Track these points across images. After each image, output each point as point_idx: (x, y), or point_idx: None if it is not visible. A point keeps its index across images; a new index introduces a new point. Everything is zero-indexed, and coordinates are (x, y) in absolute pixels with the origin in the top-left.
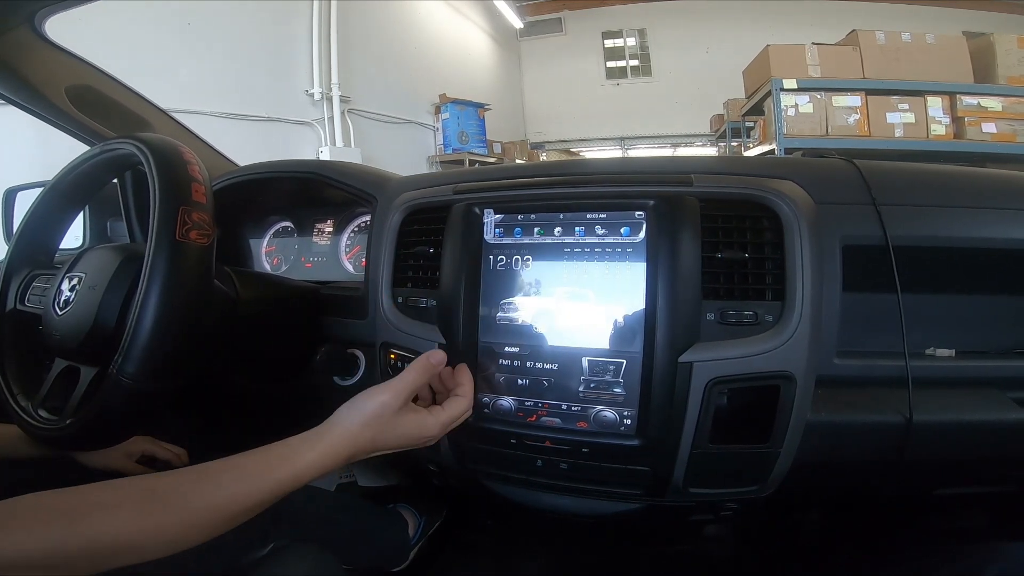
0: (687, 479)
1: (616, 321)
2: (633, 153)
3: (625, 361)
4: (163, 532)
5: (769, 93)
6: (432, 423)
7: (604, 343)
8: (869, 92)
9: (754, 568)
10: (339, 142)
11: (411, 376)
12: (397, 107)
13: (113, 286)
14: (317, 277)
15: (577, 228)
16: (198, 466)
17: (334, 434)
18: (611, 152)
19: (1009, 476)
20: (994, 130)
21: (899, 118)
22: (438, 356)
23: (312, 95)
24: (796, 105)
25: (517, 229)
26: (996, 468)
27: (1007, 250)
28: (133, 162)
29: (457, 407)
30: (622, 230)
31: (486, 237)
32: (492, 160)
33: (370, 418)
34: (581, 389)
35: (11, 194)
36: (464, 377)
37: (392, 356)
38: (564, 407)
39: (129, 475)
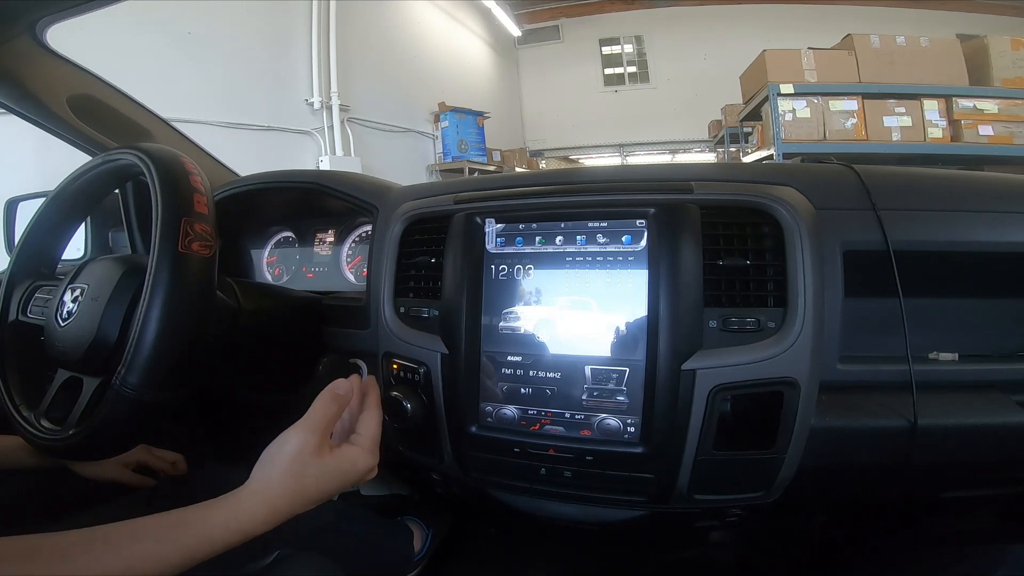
0: (692, 486)
1: (618, 329)
2: (632, 159)
3: (628, 369)
4: None
5: (766, 98)
6: (358, 453)
7: (606, 351)
8: (865, 96)
9: (760, 573)
10: (339, 151)
11: (319, 407)
12: (396, 116)
13: (116, 297)
14: (318, 287)
15: (578, 237)
16: (93, 529)
17: (250, 491)
18: (610, 159)
19: (1015, 478)
20: (991, 132)
21: (896, 121)
22: (344, 385)
23: (312, 104)
24: (793, 110)
25: (518, 238)
26: (1001, 471)
27: (1009, 253)
28: (135, 172)
29: (371, 422)
30: (623, 238)
31: (487, 246)
32: (491, 168)
33: (287, 466)
34: (584, 397)
35: (12, 204)
36: (370, 389)
37: (395, 366)
38: (567, 415)
39: (125, 484)
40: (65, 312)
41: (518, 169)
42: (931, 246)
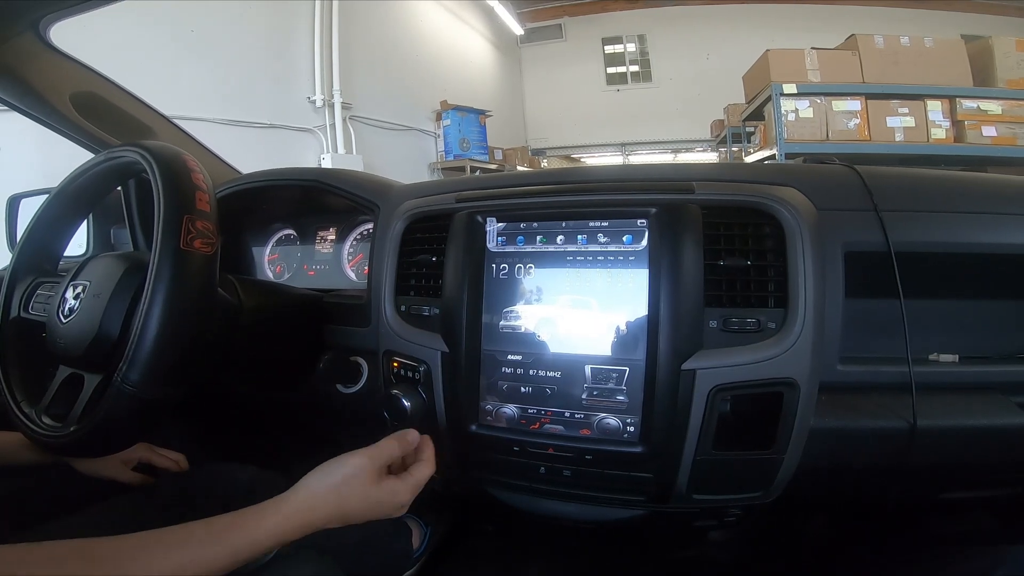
0: (691, 485)
1: (619, 329)
2: (634, 159)
3: (628, 369)
4: None
5: (769, 98)
6: (403, 489)
7: (607, 351)
8: (869, 96)
9: (759, 573)
10: (341, 149)
11: (384, 443)
12: (398, 114)
13: (117, 294)
14: (320, 285)
15: (579, 236)
16: (144, 533)
17: (296, 500)
18: (612, 158)
19: (1014, 479)
20: (994, 133)
21: (899, 122)
22: (414, 435)
23: (314, 102)
24: (796, 110)
25: (519, 237)
26: (1001, 472)
27: (1010, 255)
28: (137, 170)
29: (424, 470)
30: (624, 238)
31: (488, 245)
32: (493, 166)
33: (340, 483)
34: (584, 397)
35: (15, 201)
36: (427, 445)
37: (395, 364)
38: (567, 415)
39: (126, 482)
40: (67, 309)
41: (520, 168)
42: (933, 247)
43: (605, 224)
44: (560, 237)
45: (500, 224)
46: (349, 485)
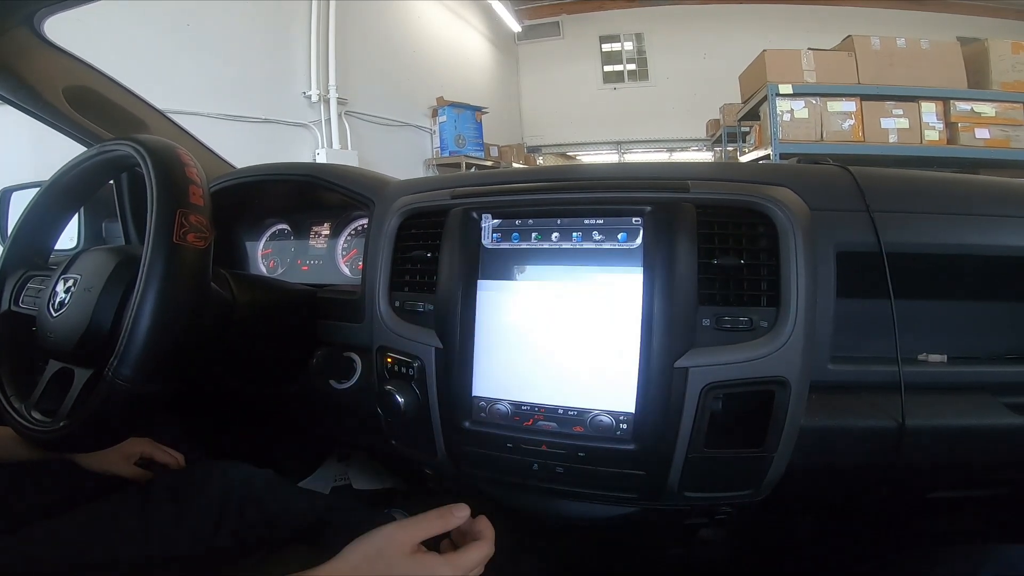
0: (682, 483)
1: (612, 326)
2: (630, 157)
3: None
4: None
5: (765, 98)
6: (442, 566)
7: (600, 348)
8: (864, 97)
9: (749, 571)
10: (336, 144)
11: (429, 519)
12: (394, 110)
13: (109, 288)
14: (313, 280)
15: (574, 234)
16: None
17: (328, 570)
18: (607, 156)
19: (1001, 479)
20: (987, 135)
21: (893, 123)
22: (462, 511)
23: (309, 97)
24: (792, 110)
25: (515, 234)
26: (987, 472)
27: (1000, 256)
28: (130, 163)
29: (479, 551)
30: (619, 236)
31: (483, 242)
32: (489, 163)
33: (373, 555)
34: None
35: (6, 194)
36: (484, 525)
37: (389, 360)
38: (560, 411)
39: (127, 477)
40: (57, 302)
41: (515, 165)
42: (924, 248)
43: (600, 222)
44: (555, 234)
45: (495, 221)
46: (378, 554)
